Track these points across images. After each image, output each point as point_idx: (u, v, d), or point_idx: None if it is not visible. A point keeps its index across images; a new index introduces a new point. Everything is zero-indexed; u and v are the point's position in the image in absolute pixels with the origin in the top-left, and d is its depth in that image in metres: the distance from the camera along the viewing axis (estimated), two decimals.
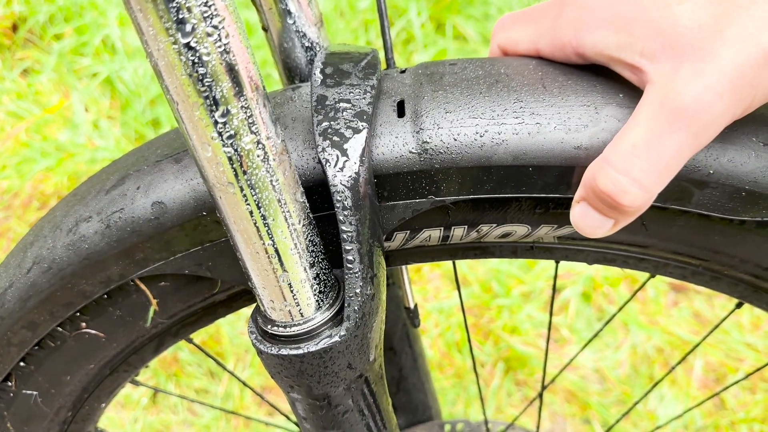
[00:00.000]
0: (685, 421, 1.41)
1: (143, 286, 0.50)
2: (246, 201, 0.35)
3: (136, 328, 0.53)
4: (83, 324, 0.52)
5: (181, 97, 0.31)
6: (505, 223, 0.45)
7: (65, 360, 0.54)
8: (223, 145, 0.33)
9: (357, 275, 0.40)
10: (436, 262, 1.07)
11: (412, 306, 0.76)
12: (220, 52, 0.30)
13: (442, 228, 0.46)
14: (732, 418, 1.41)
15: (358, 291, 0.40)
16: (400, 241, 0.47)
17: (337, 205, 0.38)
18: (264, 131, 0.34)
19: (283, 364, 0.41)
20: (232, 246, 0.40)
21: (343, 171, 0.38)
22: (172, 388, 1.55)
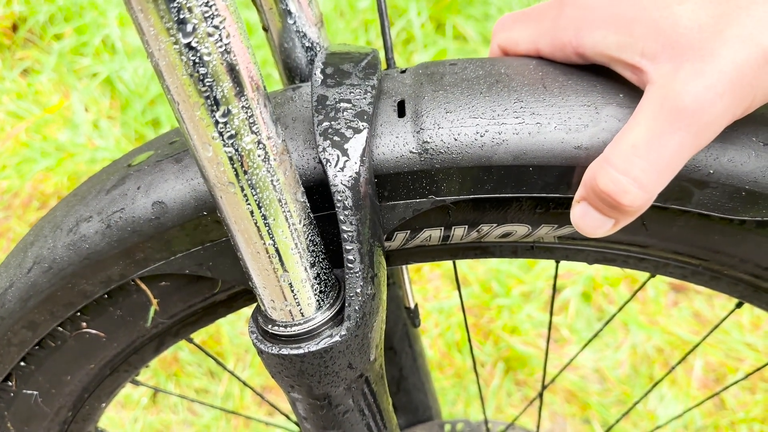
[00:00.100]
0: (685, 421, 1.41)
1: (144, 286, 0.50)
2: (246, 201, 0.35)
3: (137, 327, 0.53)
4: (84, 324, 0.52)
5: (182, 97, 0.31)
6: (505, 222, 0.45)
7: (66, 360, 0.54)
8: (223, 145, 0.33)
9: (358, 275, 0.40)
10: (437, 262, 1.07)
11: (413, 306, 0.76)
12: (221, 52, 0.30)
13: (443, 228, 0.46)
14: (732, 418, 1.41)
15: (359, 291, 0.40)
16: (401, 241, 0.47)
17: (338, 204, 0.38)
18: (265, 131, 0.34)
19: (283, 364, 0.41)
20: (232, 246, 0.40)
21: (344, 171, 0.38)
22: (172, 387, 1.55)
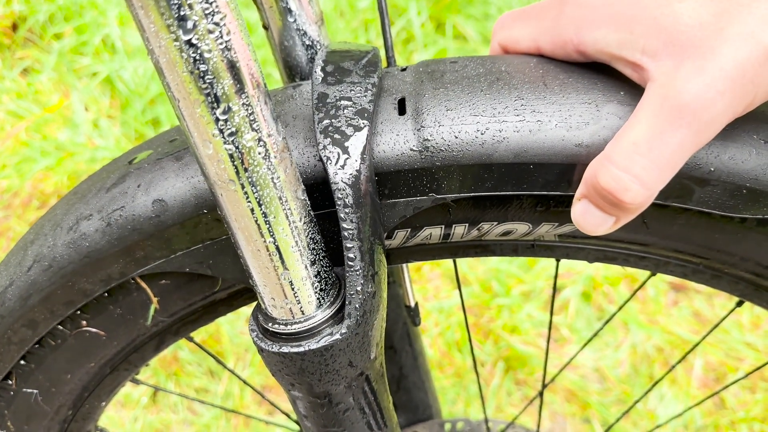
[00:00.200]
0: (685, 420, 1.41)
1: (144, 285, 0.50)
2: (247, 198, 0.35)
3: (137, 326, 0.53)
4: (84, 322, 0.52)
5: (182, 94, 0.31)
6: (506, 221, 0.45)
7: (66, 358, 0.54)
8: (224, 143, 0.33)
9: (358, 273, 0.40)
10: (437, 261, 1.07)
11: (413, 304, 0.76)
12: (221, 49, 0.30)
13: (443, 226, 0.46)
14: (732, 417, 1.41)
15: (359, 289, 0.40)
16: (401, 239, 0.47)
17: (338, 202, 0.38)
18: (265, 129, 0.34)
19: (284, 362, 0.41)
20: (233, 244, 0.40)
21: (344, 169, 0.38)
22: (172, 386, 1.55)
